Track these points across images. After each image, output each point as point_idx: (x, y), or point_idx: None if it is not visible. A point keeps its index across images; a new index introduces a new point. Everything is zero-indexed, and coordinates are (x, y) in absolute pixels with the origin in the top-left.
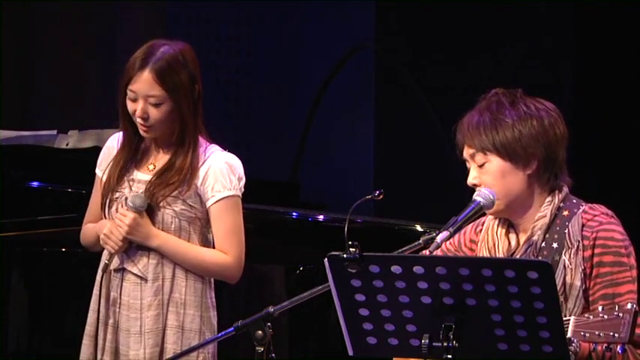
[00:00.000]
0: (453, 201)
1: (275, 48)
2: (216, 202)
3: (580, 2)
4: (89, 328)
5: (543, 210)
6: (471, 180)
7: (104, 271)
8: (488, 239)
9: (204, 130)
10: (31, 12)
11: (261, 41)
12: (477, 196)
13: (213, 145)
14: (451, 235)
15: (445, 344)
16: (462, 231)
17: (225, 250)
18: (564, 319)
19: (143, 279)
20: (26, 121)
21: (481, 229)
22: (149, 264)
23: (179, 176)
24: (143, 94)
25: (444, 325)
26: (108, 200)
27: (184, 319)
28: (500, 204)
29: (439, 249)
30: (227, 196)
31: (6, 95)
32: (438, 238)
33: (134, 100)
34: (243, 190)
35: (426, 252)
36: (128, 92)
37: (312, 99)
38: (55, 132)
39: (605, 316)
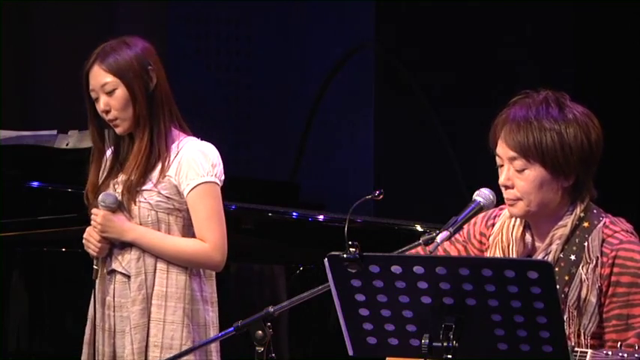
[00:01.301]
0: (453, 201)
1: (275, 48)
2: (192, 189)
3: (580, 2)
4: (87, 337)
5: (564, 219)
6: (503, 181)
7: (95, 277)
8: (503, 239)
9: (183, 124)
10: (31, 12)
11: (261, 41)
12: (477, 196)
13: (189, 137)
14: (451, 235)
15: (445, 344)
16: (472, 222)
17: (204, 237)
18: (581, 350)
19: (128, 276)
20: (26, 121)
21: (493, 224)
22: (131, 260)
23: (137, 158)
24: (98, 87)
25: (444, 325)
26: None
27: (166, 311)
28: (529, 210)
29: (447, 240)
30: (201, 182)
31: (6, 95)
32: (438, 238)
33: (97, 100)
34: (222, 177)
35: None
36: (91, 94)
37: (312, 99)
38: (55, 132)
39: (625, 355)
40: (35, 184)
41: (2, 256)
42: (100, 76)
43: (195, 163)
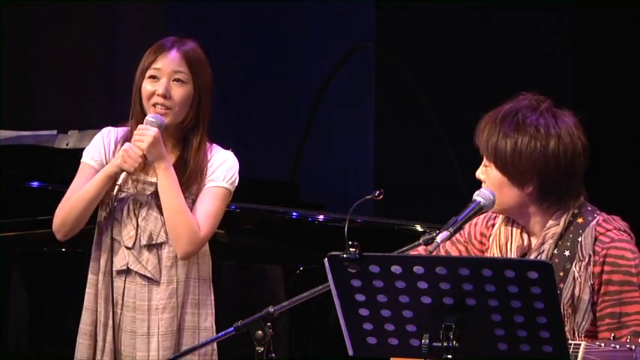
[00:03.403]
0: (453, 201)
1: (275, 48)
2: (211, 187)
3: (581, 2)
4: (87, 328)
5: (556, 218)
6: (478, 174)
7: (117, 193)
8: (501, 236)
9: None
10: (31, 12)
11: (261, 41)
12: (477, 196)
13: (215, 145)
14: (451, 235)
15: (445, 344)
16: (473, 222)
17: (201, 225)
18: (575, 342)
19: (153, 280)
20: (26, 121)
21: (493, 224)
22: (162, 267)
23: (192, 176)
24: (169, 70)
25: (444, 325)
26: (110, 200)
27: (199, 319)
28: (496, 207)
29: (448, 241)
30: (222, 186)
31: (6, 95)
32: (438, 238)
33: (155, 80)
34: (233, 189)
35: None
36: (150, 71)
37: (312, 99)
38: (55, 132)
39: (617, 347)
40: (35, 184)
41: (2, 256)
42: (177, 62)
43: (222, 167)
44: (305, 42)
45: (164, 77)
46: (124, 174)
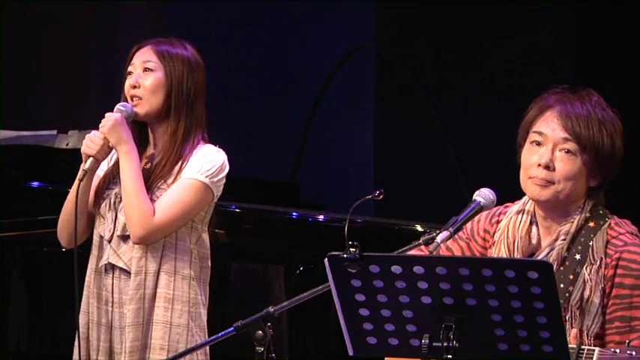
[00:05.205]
0: (453, 201)
1: (275, 48)
2: (185, 178)
3: (581, 2)
4: (82, 330)
5: (572, 217)
6: (545, 161)
7: (81, 179)
8: (509, 235)
9: (204, 133)
10: (31, 12)
11: (261, 41)
12: (477, 196)
13: (208, 144)
14: (451, 235)
15: (445, 344)
16: (476, 219)
17: (157, 211)
18: (588, 347)
19: (128, 272)
20: (26, 121)
21: (497, 221)
22: (133, 257)
23: (163, 164)
24: (139, 62)
25: (444, 325)
26: (98, 198)
27: (172, 314)
28: (557, 196)
29: (450, 238)
30: (195, 179)
31: (6, 95)
32: (438, 238)
33: (131, 76)
34: (217, 187)
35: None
36: (129, 69)
37: (312, 99)
38: (55, 132)
39: (634, 353)
40: (35, 184)
41: (2, 256)
42: (146, 54)
43: (200, 161)
44: (305, 42)
45: (136, 70)
46: (90, 159)
